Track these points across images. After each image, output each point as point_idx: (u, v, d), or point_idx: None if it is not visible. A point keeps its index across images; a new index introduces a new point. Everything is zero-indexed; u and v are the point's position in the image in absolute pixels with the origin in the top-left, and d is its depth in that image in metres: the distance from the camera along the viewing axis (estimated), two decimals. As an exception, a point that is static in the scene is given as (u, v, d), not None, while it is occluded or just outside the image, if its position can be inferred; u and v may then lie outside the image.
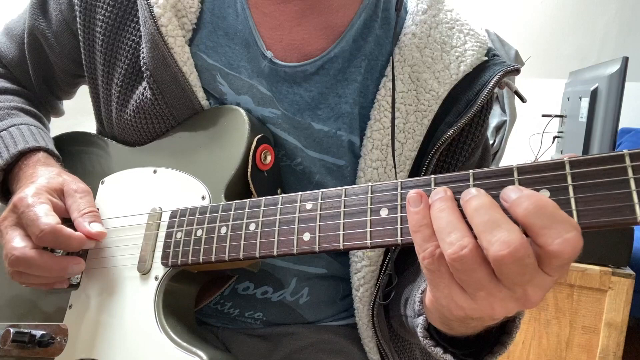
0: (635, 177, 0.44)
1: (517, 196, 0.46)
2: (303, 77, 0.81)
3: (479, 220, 0.47)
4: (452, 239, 0.47)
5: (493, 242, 0.45)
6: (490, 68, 0.81)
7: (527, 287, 0.46)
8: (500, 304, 0.48)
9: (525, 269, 0.45)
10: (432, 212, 0.50)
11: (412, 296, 0.70)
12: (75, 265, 0.75)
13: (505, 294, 0.47)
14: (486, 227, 0.46)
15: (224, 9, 0.84)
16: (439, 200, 0.50)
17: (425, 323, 0.64)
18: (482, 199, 0.48)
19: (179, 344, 0.67)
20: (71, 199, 0.77)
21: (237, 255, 0.65)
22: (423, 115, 0.81)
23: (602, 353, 1.83)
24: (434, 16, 0.84)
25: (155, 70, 0.80)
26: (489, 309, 0.49)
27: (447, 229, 0.48)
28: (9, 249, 0.72)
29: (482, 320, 0.54)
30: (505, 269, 0.45)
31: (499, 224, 0.46)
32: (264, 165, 0.77)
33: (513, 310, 0.49)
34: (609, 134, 1.90)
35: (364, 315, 0.84)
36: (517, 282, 0.46)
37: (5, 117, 0.89)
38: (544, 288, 0.47)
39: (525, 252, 0.44)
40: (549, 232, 0.44)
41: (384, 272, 0.81)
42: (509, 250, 0.44)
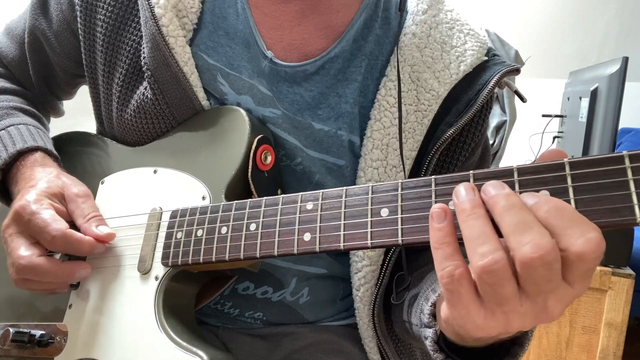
0: (634, 179, 0.44)
1: (536, 200, 0.46)
2: (303, 77, 0.81)
3: (509, 220, 0.45)
4: (484, 250, 0.45)
5: (524, 243, 0.44)
6: (490, 68, 0.81)
7: (549, 297, 0.45)
8: (520, 319, 0.47)
9: (552, 275, 0.44)
10: (462, 217, 0.48)
11: (418, 305, 0.69)
12: (82, 269, 0.75)
13: (526, 308, 0.46)
14: (517, 229, 0.45)
15: (225, 9, 0.84)
16: (471, 206, 0.48)
17: (435, 336, 0.63)
18: (513, 199, 0.46)
19: (179, 343, 0.67)
20: (73, 204, 0.77)
21: (238, 256, 0.65)
22: (423, 115, 0.81)
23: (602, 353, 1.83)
24: (434, 16, 0.85)
25: (156, 70, 0.80)
26: (506, 325, 0.48)
27: (479, 240, 0.46)
28: (16, 257, 0.72)
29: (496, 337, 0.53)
30: (533, 273, 0.44)
31: (531, 226, 0.44)
32: (264, 166, 0.77)
33: (530, 326, 0.48)
34: (609, 134, 1.90)
35: (364, 315, 0.84)
36: (542, 290, 0.45)
37: (4, 117, 0.89)
38: (564, 301, 0.46)
39: (555, 257, 0.43)
40: (571, 232, 0.43)
41: (384, 272, 0.80)
42: (540, 253, 0.43)
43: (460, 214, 0.48)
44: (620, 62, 1.87)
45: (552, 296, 0.45)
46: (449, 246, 0.49)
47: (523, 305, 0.46)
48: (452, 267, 0.48)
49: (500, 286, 0.45)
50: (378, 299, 0.81)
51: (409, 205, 0.54)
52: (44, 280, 0.73)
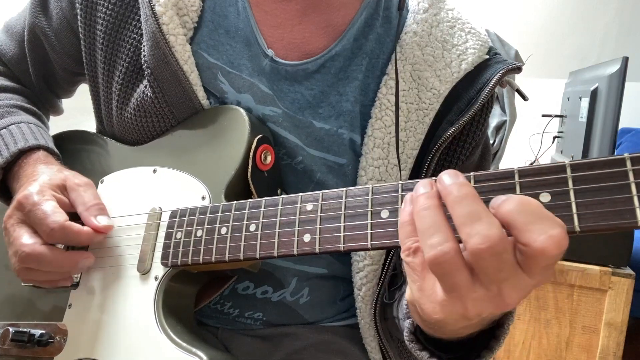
0: (636, 182, 0.44)
1: (503, 200, 0.46)
2: (304, 75, 0.81)
3: (460, 211, 0.46)
4: (433, 241, 0.46)
5: (472, 234, 0.44)
6: (491, 66, 0.81)
7: (503, 286, 0.45)
8: (475, 304, 0.47)
9: (502, 265, 0.44)
10: (415, 209, 0.49)
11: (402, 299, 0.70)
12: (85, 259, 0.75)
13: (480, 294, 0.46)
14: (466, 220, 0.45)
15: (225, 7, 0.84)
16: (424, 197, 0.49)
17: (412, 326, 0.63)
18: (465, 189, 0.47)
19: (178, 344, 0.67)
20: (75, 193, 0.77)
21: (237, 256, 0.65)
22: (424, 114, 0.81)
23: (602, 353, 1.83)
24: (435, 15, 0.85)
25: (156, 69, 0.80)
26: (463, 310, 0.48)
27: (429, 231, 0.47)
28: (19, 245, 0.72)
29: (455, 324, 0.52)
30: (483, 264, 0.44)
31: (480, 216, 0.45)
32: (264, 166, 0.77)
33: (487, 311, 0.48)
34: (609, 134, 1.91)
35: (366, 314, 0.84)
36: (494, 279, 0.45)
37: (5, 116, 0.89)
38: (521, 290, 0.46)
39: (504, 247, 0.44)
40: (533, 228, 0.43)
41: (386, 271, 0.80)
42: (488, 244, 0.43)
43: (414, 206, 0.49)
44: (620, 62, 1.87)
45: (506, 284, 0.45)
46: (409, 225, 0.50)
47: (476, 291, 0.46)
48: (411, 241, 0.49)
49: (451, 276, 0.46)
50: (380, 298, 0.81)
51: (410, 207, 0.54)
52: (46, 270, 0.73)
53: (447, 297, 0.48)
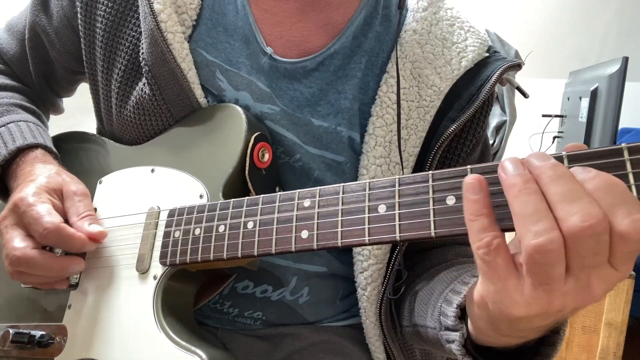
0: (634, 172, 0.44)
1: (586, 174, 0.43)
2: (303, 73, 0.81)
3: (557, 189, 0.43)
4: (539, 228, 0.43)
5: (573, 212, 0.42)
6: (491, 63, 0.82)
7: (592, 274, 0.43)
8: (561, 298, 0.44)
9: (600, 247, 0.42)
10: (514, 192, 0.45)
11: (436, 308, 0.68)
12: (76, 264, 0.75)
13: (569, 287, 0.44)
14: (565, 198, 0.42)
15: (224, 5, 0.84)
16: (523, 180, 0.45)
17: (462, 339, 0.60)
18: (561, 169, 0.44)
19: (178, 343, 0.67)
20: (70, 202, 0.77)
21: (236, 254, 0.65)
22: (425, 111, 0.81)
23: (602, 353, 1.83)
24: (435, 13, 0.85)
25: (154, 67, 0.80)
26: (547, 303, 0.45)
27: (533, 217, 0.43)
28: (10, 249, 0.72)
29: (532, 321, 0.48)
30: (582, 245, 0.42)
31: (580, 195, 0.42)
32: (261, 163, 0.77)
33: (571, 305, 0.45)
34: (609, 134, 1.91)
35: (371, 314, 0.83)
36: (587, 264, 0.43)
37: (4, 114, 0.89)
38: (608, 282, 0.44)
39: (605, 228, 0.41)
40: (618, 211, 0.41)
41: (391, 270, 0.80)
42: (590, 222, 0.41)
43: (510, 189, 0.46)
44: (620, 62, 1.87)
45: (595, 272, 0.43)
46: (486, 217, 0.47)
47: (567, 283, 0.44)
48: (490, 237, 0.46)
49: (551, 267, 0.43)
50: (385, 297, 0.80)
51: (407, 202, 0.54)
52: (37, 274, 0.73)
53: (534, 293, 0.45)
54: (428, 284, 0.76)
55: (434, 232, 0.52)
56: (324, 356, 0.85)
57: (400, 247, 0.79)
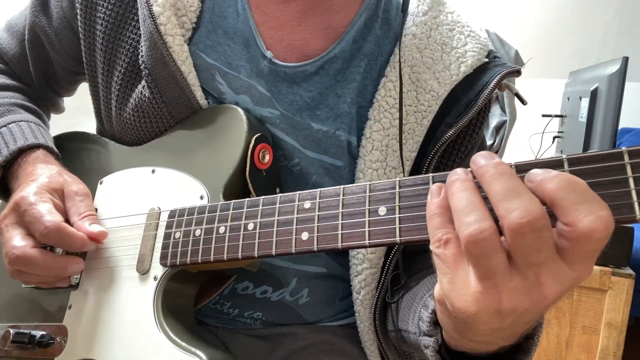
0: (634, 176, 0.43)
1: (546, 175, 0.44)
2: (303, 77, 0.81)
3: (498, 187, 0.44)
4: (470, 219, 0.44)
5: (512, 209, 0.42)
6: (490, 69, 0.81)
7: (541, 272, 0.43)
8: (511, 295, 0.44)
9: (542, 244, 0.42)
10: (451, 191, 0.47)
11: (416, 312, 0.68)
12: (75, 264, 0.75)
13: (516, 283, 0.44)
14: (505, 195, 0.43)
15: (225, 8, 0.84)
16: (459, 180, 0.48)
17: (436, 345, 0.61)
18: (502, 167, 0.45)
19: (178, 343, 0.67)
20: (71, 202, 0.77)
21: (236, 255, 0.65)
22: (423, 116, 0.81)
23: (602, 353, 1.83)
24: (435, 18, 0.84)
25: (154, 69, 0.80)
26: (497, 301, 0.45)
27: (466, 209, 0.45)
28: (9, 247, 0.72)
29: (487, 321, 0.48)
30: (522, 241, 0.42)
31: (520, 192, 0.43)
32: (262, 165, 0.77)
33: (523, 306, 0.45)
34: (609, 134, 1.90)
35: (365, 318, 0.83)
36: (532, 261, 0.43)
37: (5, 114, 0.89)
38: (561, 281, 0.43)
39: (545, 224, 0.42)
40: (580, 208, 0.41)
41: (385, 275, 0.80)
42: (528, 218, 0.41)
43: (449, 189, 0.48)
44: (620, 62, 1.87)
45: (544, 270, 0.43)
46: (439, 217, 0.48)
47: (513, 279, 0.44)
48: (442, 232, 0.48)
49: (488, 258, 0.44)
50: (379, 302, 0.81)
51: (407, 204, 0.54)
52: (36, 273, 0.73)
53: (481, 286, 0.45)
54: (413, 289, 0.76)
55: None
56: (323, 356, 0.85)
57: (397, 252, 0.79)
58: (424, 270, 0.80)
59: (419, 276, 0.79)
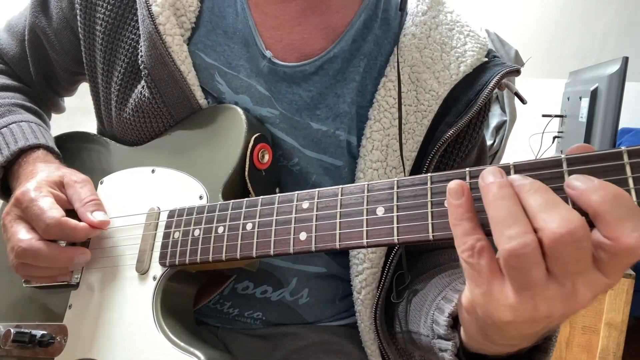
0: (633, 176, 0.43)
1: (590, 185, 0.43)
2: (302, 77, 0.81)
3: (535, 201, 0.43)
4: (512, 233, 0.43)
5: (551, 220, 0.42)
6: (490, 69, 0.81)
7: (577, 280, 0.43)
8: (547, 303, 0.44)
9: (581, 254, 0.42)
10: (489, 198, 0.45)
11: (429, 315, 0.68)
12: (82, 255, 0.75)
13: (553, 292, 0.43)
14: (542, 208, 0.43)
15: (224, 8, 0.84)
16: (497, 186, 0.46)
17: (455, 349, 0.59)
18: (538, 183, 0.45)
19: (177, 344, 0.67)
20: (72, 190, 0.78)
21: (234, 255, 0.65)
22: (423, 116, 0.81)
23: (602, 353, 1.83)
24: (434, 17, 0.84)
25: (153, 69, 0.80)
26: (533, 310, 0.44)
27: (507, 221, 0.43)
28: (16, 241, 0.72)
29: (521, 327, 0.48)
30: (562, 252, 0.42)
31: (557, 204, 0.43)
32: (261, 165, 0.77)
33: (558, 312, 0.44)
34: (609, 134, 1.90)
35: (366, 318, 0.83)
36: (570, 271, 0.42)
37: (6, 114, 0.90)
38: (594, 288, 0.43)
39: (584, 234, 0.41)
40: (625, 224, 0.41)
41: (386, 275, 0.80)
42: (568, 228, 0.41)
43: (486, 195, 0.46)
44: (620, 62, 1.87)
45: (580, 279, 0.43)
46: (469, 221, 0.47)
47: (550, 288, 0.44)
48: (473, 240, 0.46)
49: (528, 271, 0.43)
50: (380, 301, 0.80)
51: (405, 204, 0.54)
52: (43, 265, 0.74)
53: (518, 297, 0.44)
54: (421, 290, 0.75)
55: (432, 235, 0.52)
56: (323, 356, 0.85)
57: (399, 251, 0.79)
58: (429, 270, 0.80)
59: (425, 276, 0.79)
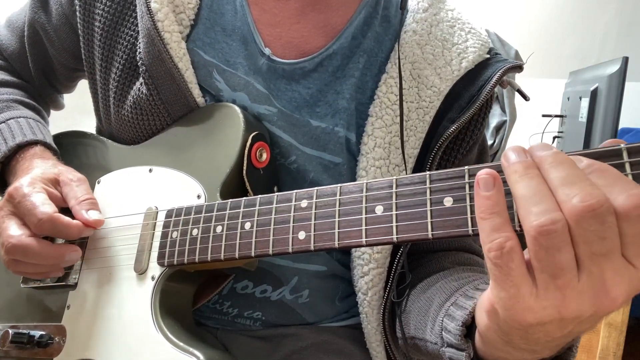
0: (633, 173, 0.43)
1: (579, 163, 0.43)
2: (301, 74, 0.81)
3: (558, 174, 0.42)
4: (541, 208, 0.41)
5: (574, 194, 0.40)
6: (492, 65, 0.81)
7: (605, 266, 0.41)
8: (577, 298, 0.42)
9: (605, 231, 0.40)
10: (515, 177, 0.44)
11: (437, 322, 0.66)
12: (73, 252, 0.74)
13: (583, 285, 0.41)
14: (566, 181, 0.41)
15: (223, 5, 0.84)
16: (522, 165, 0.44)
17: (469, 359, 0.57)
18: (562, 156, 0.43)
19: (176, 343, 0.67)
20: (67, 187, 0.77)
21: (233, 255, 0.65)
22: (425, 112, 0.80)
23: (602, 353, 1.82)
24: (435, 14, 0.84)
25: (151, 66, 0.80)
26: (561, 306, 0.42)
27: (535, 198, 0.42)
28: (6, 237, 0.72)
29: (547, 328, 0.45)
30: (585, 226, 0.40)
31: (581, 179, 0.41)
32: (259, 163, 0.77)
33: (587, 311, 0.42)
34: (609, 134, 1.90)
35: (373, 319, 0.82)
36: (595, 251, 0.40)
37: (4, 110, 0.90)
38: (626, 280, 0.41)
39: (607, 208, 0.40)
40: (612, 190, 0.40)
41: (393, 275, 0.79)
42: (591, 201, 0.39)
43: (511, 175, 0.44)
44: (620, 62, 1.87)
45: (608, 264, 0.41)
46: (499, 216, 0.44)
47: (580, 280, 0.42)
48: (503, 238, 0.43)
49: (558, 251, 0.41)
50: (388, 303, 0.80)
51: (404, 203, 0.54)
52: (32, 262, 0.73)
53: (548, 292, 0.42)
54: (425, 294, 0.74)
55: (431, 233, 0.51)
56: (323, 356, 0.85)
57: (403, 250, 0.79)
58: (433, 274, 0.79)
59: (429, 280, 0.77)
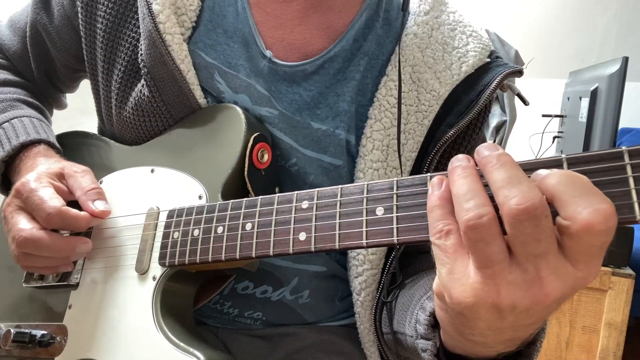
0: (634, 176, 0.43)
1: (548, 173, 0.43)
2: (302, 76, 0.81)
3: (499, 176, 0.44)
4: (470, 205, 0.44)
5: (511, 196, 0.42)
6: (492, 69, 0.81)
7: (541, 265, 0.42)
8: (509, 289, 0.43)
9: (540, 233, 0.41)
10: (452, 177, 0.47)
11: (413, 315, 0.67)
12: (83, 244, 0.75)
13: (515, 276, 0.43)
14: (505, 183, 0.43)
15: (225, 7, 0.84)
16: (461, 167, 0.47)
17: (434, 349, 0.60)
18: (505, 157, 0.45)
19: (176, 344, 0.67)
20: (72, 179, 0.78)
21: (234, 255, 0.65)
22: (424, 116, 0.81)
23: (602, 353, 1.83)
24: (436, 17, 0.84)
25: (153, 68, 0.80)
26: (496, 295, 0.44)
27: (467, 195, 0.45)
28: (17, 230, 0.72)
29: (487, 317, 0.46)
30: (520, 228, 0.42)
31: (521, 180, 0.43)
32: (261, 164, 0.77)
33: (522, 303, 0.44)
34: (609, 134, 1.90)
35: (365, 319, 0.83)
36: (530, 251, 0.42)
37: (8, 109, 0.90)
38: (562, 279, 0.42)
39: (543, 212, 0.41)
40: (579, 201, 0.41)
41: (386, 276, 0.79)
42: (526, 204, 0.41)
43: (451, 175, 0.48)
44: (620, 62, 1.87)
45: (544, 265, 0.42)
46: (440, 208, 0.48)
47: (512, 272, 0.43)
48: (442, 224, 0.47)
49: (486, 244, 0.43)
50: (380, 303, 0.80)
51: (405, 204, 0.53)
52: (44, 255, 0.73)
53: (479, 276, 0.44)
54: (409, 291, 0.75)
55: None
56: (323, 356, 0.85)
57: (396, 252, 0.79)
58: (422, 272, 0.80)
59: (415, 278, 0.78)
